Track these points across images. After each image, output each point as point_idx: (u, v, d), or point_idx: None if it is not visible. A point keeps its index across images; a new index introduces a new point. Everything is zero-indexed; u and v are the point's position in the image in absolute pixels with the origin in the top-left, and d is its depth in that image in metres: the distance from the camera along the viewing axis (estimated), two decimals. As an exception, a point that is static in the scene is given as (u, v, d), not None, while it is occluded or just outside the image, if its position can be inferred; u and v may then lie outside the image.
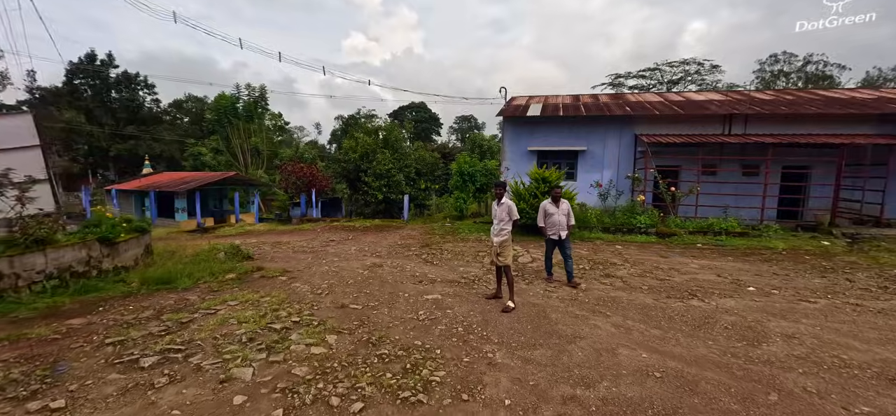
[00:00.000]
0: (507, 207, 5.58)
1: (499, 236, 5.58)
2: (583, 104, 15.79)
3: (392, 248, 10.11)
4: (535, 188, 10.88)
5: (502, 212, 5.57)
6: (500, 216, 5.58)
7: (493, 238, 5.68)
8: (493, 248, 5.66)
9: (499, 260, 5.60)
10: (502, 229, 5.57)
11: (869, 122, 12.52)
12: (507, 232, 5.60)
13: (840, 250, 9.44)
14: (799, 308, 5.61)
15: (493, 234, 5.69)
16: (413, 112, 56.61)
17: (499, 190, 5.72)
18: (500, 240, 5.57)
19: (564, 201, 6.59)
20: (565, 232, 6.46)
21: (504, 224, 5.58)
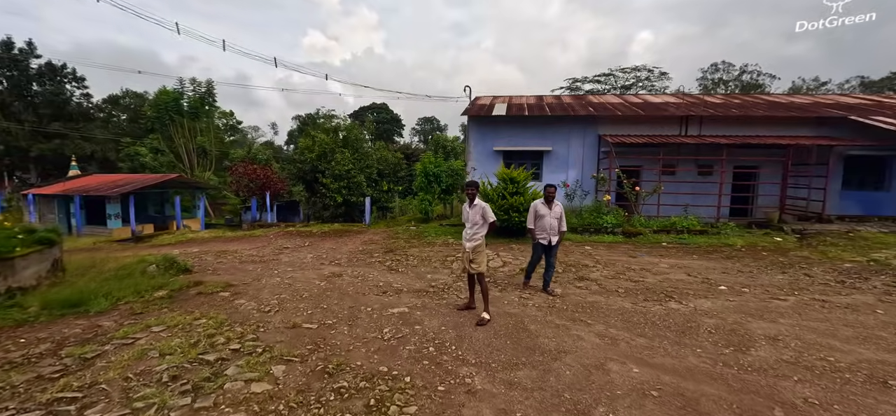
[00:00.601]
0: (481, 209, 5.06)
1: (472, 241, 5.05)
2: (547, 105, 15.75)
3: (353, 254, 9.35)
4: (503, 189, 10.53)
5: (476, 215, 5.05)
6: (473, 219, 5.06)
7: (465, 244, 5.14)
8: (466, 254, 5.13)
9: (472, 268, 5.08)
10: (476, 233, 5.06)
11: (808, 124, 13.34)
12: (480, 237, 5.09)
13: (792, 246, 9.84)
14: (772, 307, 5.56)
15: (465, 239, 5.14)
16: (374, 113, 55.33)
17: (470, 190, 5.17)
18: (473, 245, 5.05)
19: (558, 204, 5.99)
20: (556, 237, 5.93)
21: (478, 228, 5.07)
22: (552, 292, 6.03)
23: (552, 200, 5.90)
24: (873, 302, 5.79)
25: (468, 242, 5.08)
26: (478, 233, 5.06)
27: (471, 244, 5.05)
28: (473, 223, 5.06)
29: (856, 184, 13.42)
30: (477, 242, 5.06)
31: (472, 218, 5.07)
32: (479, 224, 5.07)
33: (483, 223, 5.09)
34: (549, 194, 5.89)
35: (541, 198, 6.05)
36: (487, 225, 5.13)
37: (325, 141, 14.94)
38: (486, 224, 5.11)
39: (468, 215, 5.12)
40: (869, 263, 8.12)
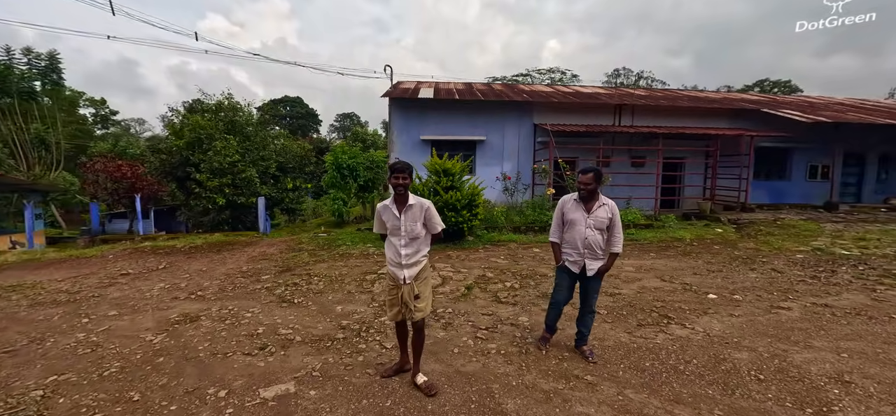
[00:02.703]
0: (422, 210, 2.99)
1: (412, 265, 2.96)
2: (478, 91, 14.21)
3: (229, 279, 6.59)
4: (435, 183, 8.57)
5: (413, 220, 2.94)
6: (409, 229, 2.93)
7: (397, 272, 2.97)
8: (405, 288, 2.95)
9: (415, 311, 2.98)
10: (418, 252, 2.98)
11: (726, 116, 13.68)
12: (424, 256, 3.05)
13: (734, 236, 9.48)
14: (785, 322, 4.40)
15: (396, 260, 2.96)
16: (288, 107, 49.84)
17: (401, 178, 2.90)
18: (415, 272, 2.96)
19: (606, 203, 3.42)
20: (598, 262, 3.39)
21: (420, 244, 3.00)
22: (588, 354, 3.55)
23: (594, 196, 3.38)
24: (871, 303, 4.99)
25: (406, 268, 2.94)
26: (420, 251, 3.00)
27: (412, 271, 2.96)
28: (412, 234, 2.93)
29: (764, 175, 14.14)
30: (421, 264, 3.00)
31: (406, 226, 2.92)
32: (422, 236, 3.01)
33: (426, 234, 3.04)
34: (587, 186, 3.30)
35: (573, 192, 3.54)
36: (430, 237, 3.10)
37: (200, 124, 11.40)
38: (429, 236, 3.07)
39: (400, 222, 2.92)
40: (815, 252, 7.82)
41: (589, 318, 3.58)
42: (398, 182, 2.90)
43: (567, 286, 3.58)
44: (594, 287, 3.48)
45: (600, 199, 3.41)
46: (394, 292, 3.02)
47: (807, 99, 17.67)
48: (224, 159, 10.56)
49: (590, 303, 3.52)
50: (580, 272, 3.46)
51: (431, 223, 3.04)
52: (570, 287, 3.59)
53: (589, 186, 3.33)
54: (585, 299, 3.54)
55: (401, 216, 2.91)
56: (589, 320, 3.58)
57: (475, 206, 8.64)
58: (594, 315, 3.59)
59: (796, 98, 18.41)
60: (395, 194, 2.95)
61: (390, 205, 2.96)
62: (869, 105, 16.69)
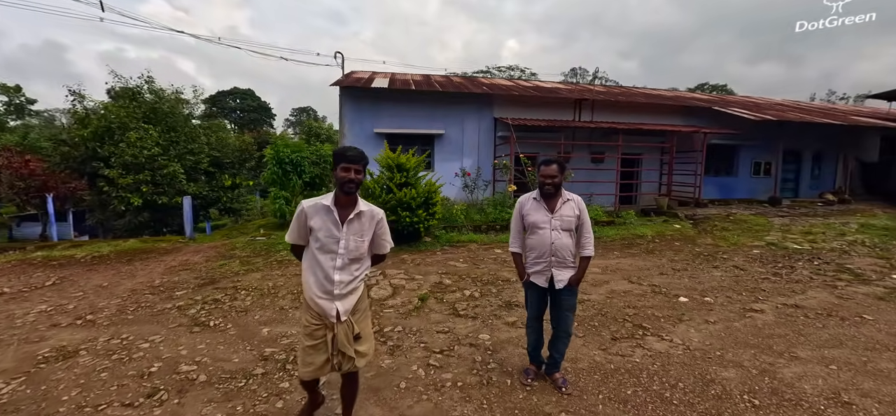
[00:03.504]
0: (374, 221, 2.22)
1: (349, 293, 2.13)
2: (437, 83, 13.50)
3: (133, 298, 5.45)
4: (388, 179, 7.77)
5: (359, 236, 2.14)
6: (352, 246, 2.11)
7: (325, 304, 2.08)
8: (340, 329, 2.11)
9: (357, 357, 2.19)
10: (356, 276, 2.16)
11: (679, 114, 13.93)
12: (363, 281, 2.25)
13: (692, 232, 9.46)
14: (762, 327, 4.09)
15: (325, 289, 2.08)
16: (237, 99, 46.50)
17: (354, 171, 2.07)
18: (352, 302, 2.15)
19: (572, 199, 2.84)
20: (566, 271, 2.79)
21: (360, 266, 2.19)
22: (561, 384, 2.94)
23: (558, 193, 2.80)
24: (837, 301, 4.84)
25: (340, 299, 2.09)
26: (359, 275, 2.19)
27: (348, 302, 2.12)
28: (352, 255, 2.11)
29: (713, 171, 14.57)
30: (359, 292, 2.21)
31: (348, 242, 2.09)
32: (364, 256, 2.20)
33: (367, 255, 2.24)
34: (552, 179, 2.74)
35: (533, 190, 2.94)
36: (378, 254, 2.36)
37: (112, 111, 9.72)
38: (370, 256, 2.28)
39: (339, 235, 2.08)
40: (769, 247, 7.86)
41: (563, 341, 2.96)
42: (350, 176, 2.04)
43: (538, 300, 2.97)
44: (568, 303, 2.87)
45: (564, 194, 2.85)
46: (318, 334, 2.10)
47: (751, 99, 18.62)
48: (141, 153, 9.01)
49: (563, 323, 2.90)
50: (549, 288, 2.85)
51: (381, 242, 2.28)
52: (542, 300, 2.97)
53: (554, 180, 2.75)
54: (558, 320, 2.93)
55: (343, 227, 2.06)
56: (563, 344, 2.97)
57: (432, 204, 7.95)
58: (570, 337, 2.98)
59: (742, 98, 19.38)
60: (340, 193, 2.07)
61: (327, 208, 2.05)
62: (804, 106, 17.86)
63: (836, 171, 16.08)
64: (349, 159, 2.05)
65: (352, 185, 2.06)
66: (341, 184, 2.05)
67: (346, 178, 2.04)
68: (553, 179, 2.75)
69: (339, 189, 2.08)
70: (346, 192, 2.07)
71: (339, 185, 2.07)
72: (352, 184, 2.05)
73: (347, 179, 2.04)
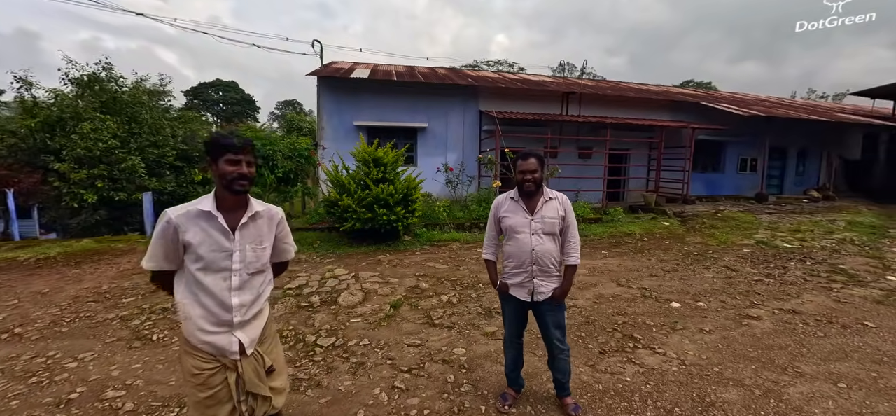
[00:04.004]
0: (274, 223, 1.75)
1: (253, 318, 1.66)
2: (420, 74, 13.00)
3: (74, 306, 4.89)
4: (365, 175, 7.29)
5: (258, 243, 1.65)
6: (250, 257, 1.62)
7: (222, 340, 1.57)
8: (246, 366, 1.62)
9: (274, 396, 1.72)
10: (260, 294, 1.69)
11: (667, 109, 13.71)
12: (267, 301, 1.77)
13: (681, 230, 9.22)
14: (759, 337, 3.77)
15: (220, 319, 1.57)
16: (219, 91, 45.05)
17: (245, 163, 1.58)
18: (258, 329, 1.68)
19: (555, 197, 2.45)
20: (550, 283, 2.41)
21: (263, 282, 1.71)
22: (572, 412, 2.55)
23: (538, 191, 2.41)
24: (835, 306, 4.58)
25: (241, 328, 1.61)
26: (263, 294, 1.72)
27: (253, 330, 1.66)
28: (251, 268, 1.64)
29: (700, 167, 14.43)
30: (265, 315, 1.76)
31: (244, 252, 1.61)
32: (265, 271, 1.73)
33: (268, 267, 1.76)
34: (532, 174, 2.35)
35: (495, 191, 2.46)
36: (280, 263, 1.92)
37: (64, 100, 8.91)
38: (270, 269, 1.81)
39: (232, 245, 1.58)
40: (759, 245, 7.65)
41: (561, 359, 2.54)
42: (241, 171, 1.55)
43: (517, 316, 2.56)
44: (553, 319, 2.46)
45: (546, 192, 2.44)
46: (216, 381, 1.59)
47: (737, 95, 18.57)
48: (95, 145, 8.28)
49: (553, 342, 2.49)
50: (530, 302, 2.45)
51: (283, 246, 1.82)
52: (521, 316, 2.57)
53: (534, 175, 2.35)
54: (547, 338, 2.53)
55: (235, 235, 1.59)
56: (561, 361, 2.55)
57: (412, 201, 7.50)
58: (567, 352, 2.56)
59: (729, 94, 19.34)
60: (227, 193, 1.58)
61: (207, 214, 1.55)
62: (789, 103, 17.89)
63: (819, 168, 16.14)
64: (235, 149, 1.54)
65: (244, 182, 1.57)
66: (229, 182, 1.54)
67: (234, 173, 1.54)
68: (533, 174, 2.34)
69: (226, 188, 1.56)
70: (236, 191, 1.57)
71: (225, 183, 1.55)
72: (244, 180, 1.57)
73: (238, 175, 1.54)
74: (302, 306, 4.64)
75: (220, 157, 1.54)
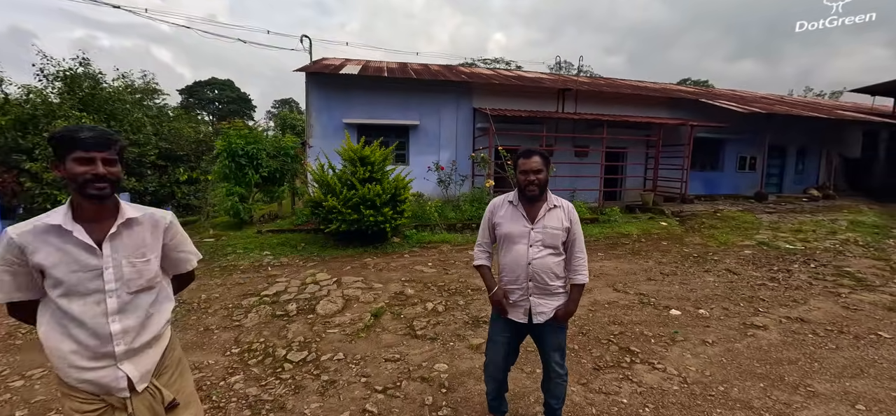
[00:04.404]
0: (160, 229, 1.42)
1: (144, 347, 1.35)
2: (413, 71, 12.68)
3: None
4: (351, 174, 6.98)
5: (138, 255, 1.34)
6: (128, 273, 1.30)
7: (103, 376, 1.27)
8: (138, 405, 1.32)
9: None
10: (149, 315, 1.37)
11: (665, 106, 13.44)
12: (167, 323, 1.46)
13: (679, 230, 8.96)
14: (766, 350, 3.50)
15: (98, 351, 1.26)
16: (215, 90, 44.62)
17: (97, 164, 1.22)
18: (154, 359, 1.38)
19: (563, 208, 2.12)
20: (552, 301, 2.09)
21: (156, 302, 1.41)
22: None
23: (542, 195, 2.09)
24: (845, 313, 4.30)
25: (129, 359, 1.30)
26: (157, 316, 1.41)
27: (145, 361, 1.35)
28: (133, 287, 1.32)
29: (699, 165, 14.17)
30: (163, 341, 1.45)
31: (121, 267, 1.30)
32: (156, 287, 1.42)
33: (165, 281, 1.48)
34: (536, 174, 2.01)
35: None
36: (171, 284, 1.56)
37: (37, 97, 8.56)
38: (170, 284, 1.52)
39: (99, 261, 1.26)
40: (760, 246, 7.39)
41: (557, 383, 2.22)
42: (95, 171, 1.22)
43: (506, 341, 2.22)
44: (553, 342, 2.15)
45: (550, 198, 2.11)
46: None
47: (736, 92, 18.34)
48: (68, 143, 7.97)
49: (551, 365, 2.19)
50: (528, 323, 2.12)
51: (178, 256, 1.52)
52: (511, 343, 2.23)
53: (538, 176, 2.01)
54: (545, 360, 2.23)
55: (103, 248, 1.28)
56: (558, 386, 2.23)
57: (400, 201, 7.19)
58: (565, 377, 2.24)
59: (728, 91, 19.10)
60: (83, 201, 1.26)
61: (58, 229, 1.24)
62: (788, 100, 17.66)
63: (819, 166, 15.92)
64: (86, 145, 1.21)
65: (103, 185, 1.24)
66: (81, 185, 1.22)
67: (86, 174, 1.21)
68: (537, 174, 2.00)
69: (80, 194, 1.24)
70: (92, 196, 1.24)
71: (77, 187, 1.23)
72: (102, 183, 1.24)
73: (92, 176, 1.22)
74: (277, 315, 4.34)
75: (68, 155, 1.21)
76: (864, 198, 13.55)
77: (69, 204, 1.28)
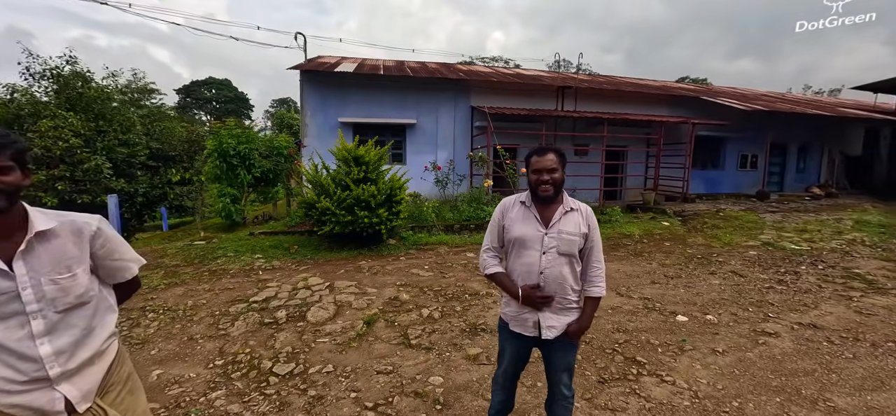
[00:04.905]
0: (85, 237, 1.23)
1: (82, 366, 1.20)
2: (410, 69, 12.47)
3: None
4: (345, 174, 6.77)
5: (62, 270, 1.16)
6: (50, 292, 1.14)
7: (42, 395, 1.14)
8: None
9: None
10: (90, 331, 1.23)
11: (666, 104, 13.26)
12: (112, 337, 1.31)
13: (681, 230, 8.78)
14: (781, 360, 3.31)
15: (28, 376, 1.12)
16: (213, 90, 44.42)
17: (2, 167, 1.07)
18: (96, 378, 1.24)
19: (580, 211, 1.90)
20: (564, 317, 1.86)
21: (93, 317, 1.25)
22: None
23: (558, 197, 1.87)
24: (859, 319, 4.12)
25: (67, 379, 1.16)
26: (96, 331, 1.25)
27: (85, 381, 1.21)
28: (60, 302, 1.16)
29: (700, 164, 14.01)
30: (108, 356, 1.30)
31: (41, 285, 1.12)
32: (92, 303, 1.24)
33: (105, 293, 1.32)
34: (550, 174, 1.78)
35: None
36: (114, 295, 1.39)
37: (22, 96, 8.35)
38: (112, 294, 1.37)
39: (15, 280, 1.10)
40: (765, 247, 7.21)
41: (563, 407, 2.00)
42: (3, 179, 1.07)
43: (517, 354, 2.02)
44: (562, 361, 1.93)
45: (566, 201, 1.89)
46: None
47: (737, 90, 18.18)
48: (55, 144, 7.71)
49: (558, 387, 1.98)
50: (537, 337, 1.91)
51: (113, 264, 1.34)
52: (523, 354, 2.03)
53: (553, 176, 1.79)
54: (551, 379, 2.02)
55: (15, 268, 1.10)
56: (564, 408, 2.01)
57: (396, 202, 7.00)
58: (572, 400, 2.01)
59: (729, 88, 18.93)
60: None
61: None
62: (790, 98, 17.50)
63: (820, 164, 15.77)
64: None
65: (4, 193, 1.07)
66: None
67: None
68: (551, 174, 1.78)
69: None
70: None
71: None
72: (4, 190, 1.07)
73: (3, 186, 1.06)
74: (266, 322, 4.14)
75: None
76: (867, 196, 13.41)
77: None
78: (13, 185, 1.08)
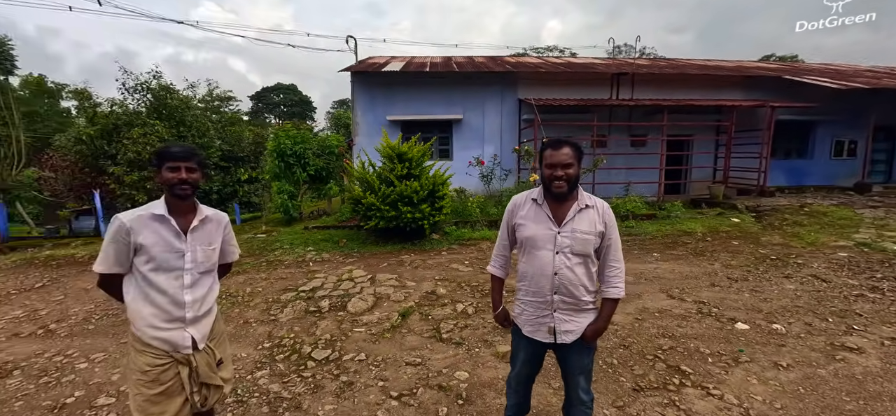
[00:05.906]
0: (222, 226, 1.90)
1: (205, 315, 1.79)
2: (456, 64, 12.48)
3: (107, 304, 5.08)
4: (389, 171, 6.97)
5: (207, 244, 1.78)
6: (201, 258, 1.74)
7: (175, 335, 1.68)
8: (199, 360, 1.74)
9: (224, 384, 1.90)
10: (210, 290, 1.82)
11: (740, 87, 11.93)
12: (215, 298, 1.87)
13: (754, 227, 7.89)
14: (862, 381, 2.86)
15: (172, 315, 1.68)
16: (280, 95, 48.23)
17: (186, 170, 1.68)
18: (209, 325, 1.82)
19: (596, 208, 1.78)
20: (579, 319, 1.79)
21: (212, 281, 1.84)
22: None
23: (572, 194, 1.75)
24: (976, 335, 3.42)
25: (194, 324, 1.73)
26: (213, 291, 1.86)
27: (204, 326, 1.79)
28: (202, 267, 1.76)
29: (781, 153, 12.45)
30: (215, 312, 1.90)
31: (196, 252, 1.73)
32: (213, 270, 1.88)
33: (215, 269, 1.90)
34: (564, 169, 1.68)
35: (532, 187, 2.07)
36: None
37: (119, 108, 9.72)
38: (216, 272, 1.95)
39: (183, 247, 1.70)
40: (860, 248, 6.24)
41: (581, 410, 1.91)
42: (180, 176, 1.66)
43: (531, 357, 1.94)
44: (579, 363, 1.84)
45: (582, 196, 1.78)
46: (168, 376, 1.68)
47: (831, 66, 15.83)
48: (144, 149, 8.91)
49: (575, 391, 1.89)
50: (552, 343, 1.83)
51: (229, 248, 1.98)
52: (534, 360, 1.96)
53: (567, 172, 1.69)
54: (567, 383, 1.94)
55: (187, 237, 1.71)
56: (581, 413, 1.92)
57: (439, 198, 7.07)
58: (590, 405, 1.91)
59: (820, 65, 16.56)
60: (172, 198, 1.70)
61: (160, 217, 1.66)
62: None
63: (943, 150, 13.24)
64: (175, 156, 1.67)
65: (185, 187, 1.68)
66: (171, 187, 1.67)
67: (174, 179, 1.66)
68: (565, 169, 1.68)
69: (170, 193, 1.69)
70: (177, 195, 1.69)
71: (168, 188, 1.69)
72: (185, 186, 1.68)
73: (178, 180, 1.66)
74: (310, 311, 4.42)
75: (163, 164, 1.67)
76: None
77: (164, 201, 1.69)
78: (196, 182, 1.71)
